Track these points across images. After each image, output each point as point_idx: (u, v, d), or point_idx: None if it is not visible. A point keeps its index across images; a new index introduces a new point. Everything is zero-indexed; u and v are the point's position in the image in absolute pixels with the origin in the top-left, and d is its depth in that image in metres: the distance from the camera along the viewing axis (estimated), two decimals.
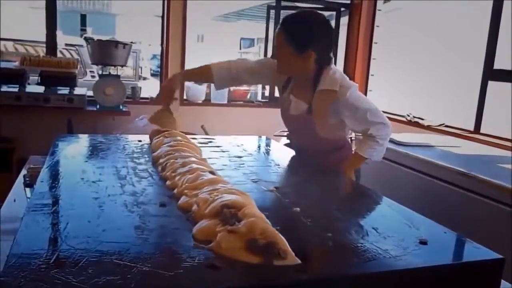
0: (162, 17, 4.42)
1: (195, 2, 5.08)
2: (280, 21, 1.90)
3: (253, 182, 1.55)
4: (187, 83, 4.47)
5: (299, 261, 0.92)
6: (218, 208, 1.08)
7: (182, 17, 4.33)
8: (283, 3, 4.75)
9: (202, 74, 2.15)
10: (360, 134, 2.02)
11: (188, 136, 1.98)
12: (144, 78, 10.06)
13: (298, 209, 1.27)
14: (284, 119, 2.13)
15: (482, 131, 3.38)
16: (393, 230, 1.17)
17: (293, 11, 1.91)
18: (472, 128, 3.45)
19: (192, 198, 1.20)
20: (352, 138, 2.77)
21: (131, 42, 3.97)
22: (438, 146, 2.83)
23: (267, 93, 5.03)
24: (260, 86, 5.07)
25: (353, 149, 2.16)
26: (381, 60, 4.70)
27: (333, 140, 2.05)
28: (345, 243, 1.07)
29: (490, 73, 3.30)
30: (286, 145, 2.32)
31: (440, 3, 4.20)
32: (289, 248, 0.94)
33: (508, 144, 3.03)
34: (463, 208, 2.14)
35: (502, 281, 1.14)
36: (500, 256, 1.05)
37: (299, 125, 2.06)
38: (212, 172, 1.42)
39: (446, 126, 3.68)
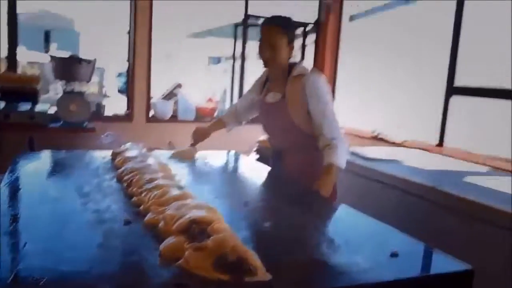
0: (129, 33, 4.38)
1: (163, 21, 5.07)
2: (266, 19, 2.07)
3: (222, 197, 1.52)
4: (153, 100, 4.44)
5: (270, 277, 0.90)
6: (186, 224, 1.04)
7: (148, 34, 4.29)
8: (250, 22, 4.79)
9: (219, 125, 2.51)
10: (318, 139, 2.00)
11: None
12: (108, 96, 9.87)
13: (268, 224, 1.25)
14: (261, 115, 2.24)
15: (445, 145, 3.46)
16: (365, 243, 1.16)
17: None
18: (434, 143, 3.52)
19: (159, 214, 1.17)
20: None
21: (94, 59, 3.89)
22: (404, 161, 2.87)
23: None
24: (227, 103, 5.07)
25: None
26: (345, 77, 4.80)
27: (306, 135, 2.02)
28: (316, 257, 1.06)
29: (451, 90, 3.40)
30: (258, 159, 2.31)
31: (401, 22, 4.32)
32: (260, 264, 0.92)
33: (471, 158, 3.10)
34: (434, 220, 2.16)
35: None
36: (470, 267, 1.05)
37: (274, 114, 2.11)
38: (179, 187, 1.38)
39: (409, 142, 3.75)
